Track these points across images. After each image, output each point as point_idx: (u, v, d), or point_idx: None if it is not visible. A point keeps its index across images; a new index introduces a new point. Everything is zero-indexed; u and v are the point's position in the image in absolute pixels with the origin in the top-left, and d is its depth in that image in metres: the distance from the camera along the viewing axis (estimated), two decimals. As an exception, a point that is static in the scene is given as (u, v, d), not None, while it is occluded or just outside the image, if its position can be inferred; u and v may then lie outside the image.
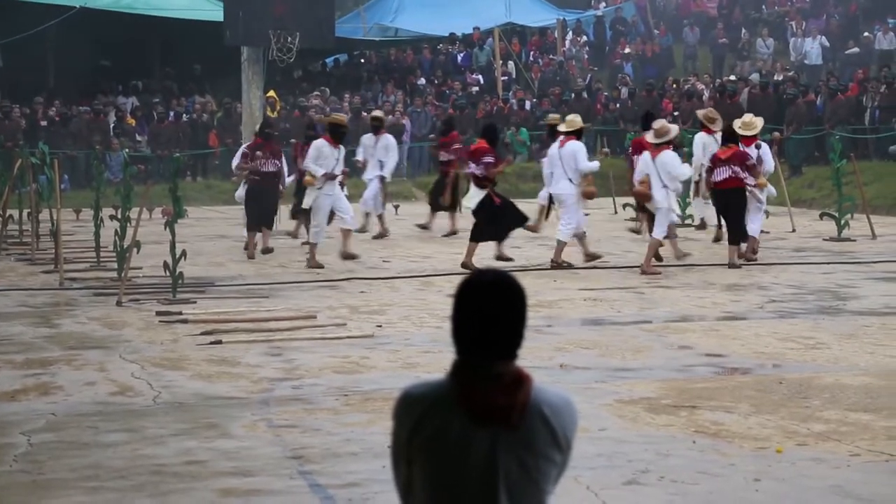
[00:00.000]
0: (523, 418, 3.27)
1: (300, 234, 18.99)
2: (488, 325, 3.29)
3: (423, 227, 20.65)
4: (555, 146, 16.52)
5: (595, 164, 16.74)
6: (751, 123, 17.60)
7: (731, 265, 16.02)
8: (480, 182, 15.89)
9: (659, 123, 16.53)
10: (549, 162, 16.74)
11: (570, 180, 16.03)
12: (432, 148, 20.69)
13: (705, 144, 18.48)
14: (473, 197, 16.05)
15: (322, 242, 16.60)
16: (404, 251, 18.29)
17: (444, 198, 20.00)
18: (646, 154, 16.30)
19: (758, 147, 17.30)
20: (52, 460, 7.49)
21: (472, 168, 16.01)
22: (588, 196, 16.25)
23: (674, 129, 16.59)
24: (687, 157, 18.29)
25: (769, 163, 17.65)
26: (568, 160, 16.02)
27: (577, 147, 16.13)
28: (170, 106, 31.60)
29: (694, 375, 9.82)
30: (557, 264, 16.03)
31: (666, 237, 16.13)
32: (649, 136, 16.37)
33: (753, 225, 16.59)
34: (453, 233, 19.65)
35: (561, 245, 16.12)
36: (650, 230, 16.32)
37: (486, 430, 3.26)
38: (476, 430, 3.26)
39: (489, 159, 15.94)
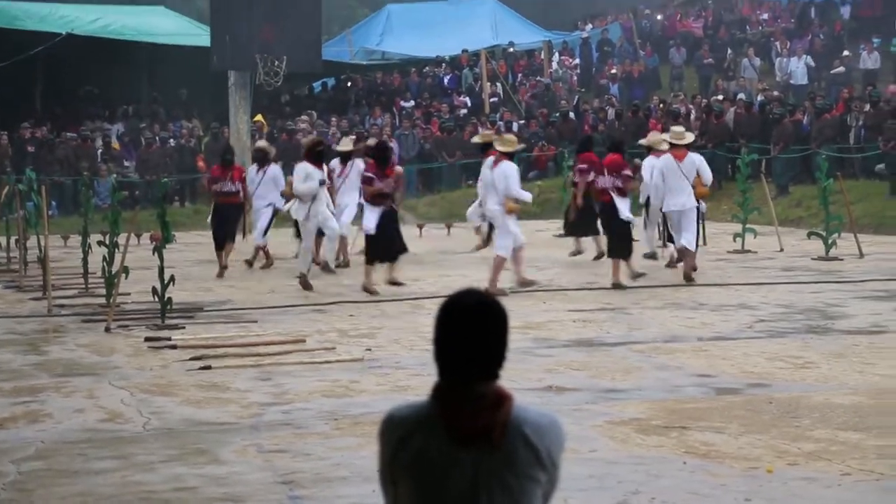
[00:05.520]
0: (504, 438, 3.27)
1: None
2: (469, 345, 3.29)
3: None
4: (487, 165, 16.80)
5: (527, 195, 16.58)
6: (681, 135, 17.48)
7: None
8: (621, 194, 16.22)
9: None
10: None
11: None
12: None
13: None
14: (623, 206, 16.26)
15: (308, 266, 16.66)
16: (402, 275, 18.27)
17: None
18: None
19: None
20: (41, 488, 7.46)
21: (607, 182, 16.25)
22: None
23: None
24: None
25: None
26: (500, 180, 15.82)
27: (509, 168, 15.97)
28: (157, 131, 31.61)
29: (684, 396, 9.82)
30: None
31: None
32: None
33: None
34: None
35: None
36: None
37: (468, 450, 3.27)
38: (458, 451, 3.27)
39: (628, 172, 16.32)
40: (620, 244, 16.33)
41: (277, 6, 29.46)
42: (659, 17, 42.37)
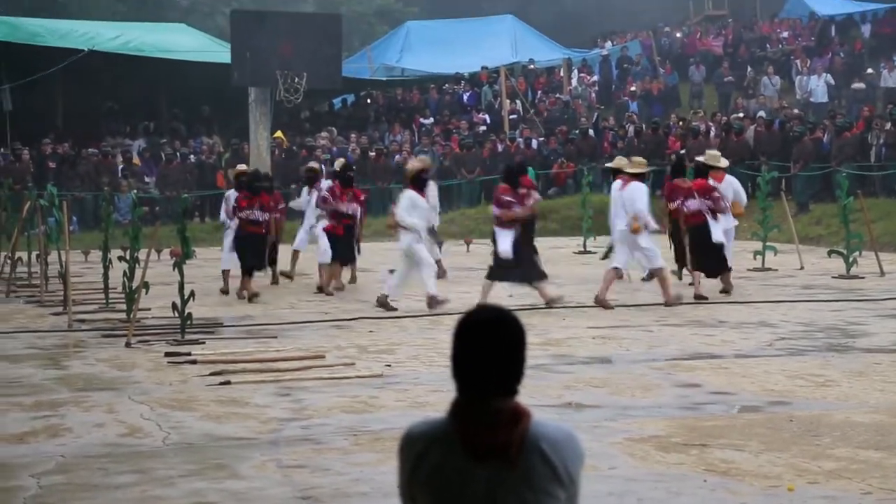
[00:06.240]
0: (521, 454, 3.27)
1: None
2: (486, 361, 3.29)
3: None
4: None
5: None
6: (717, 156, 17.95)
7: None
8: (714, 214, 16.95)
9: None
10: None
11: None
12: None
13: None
14: (716, 228, 16.92)
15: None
16: (412, 290, 18.28)
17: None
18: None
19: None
20: (61, 503, 7.48)
21: (699, 205, 16.89)
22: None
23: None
24: None
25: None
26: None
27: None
28: (177, 147, 31.74)
29: (704, 413, 9.80)
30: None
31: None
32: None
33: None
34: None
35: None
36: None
37: (486, 467, 3.26)
38: (475, 468, 3.27)
39: (717, 194, 17.08)
40: (715, 263, 17.05)
41: (297, 23, 29.63)
42: (678, 34, 42.37)
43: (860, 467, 8.02)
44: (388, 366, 11.94)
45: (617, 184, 17.25)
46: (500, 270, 16.11)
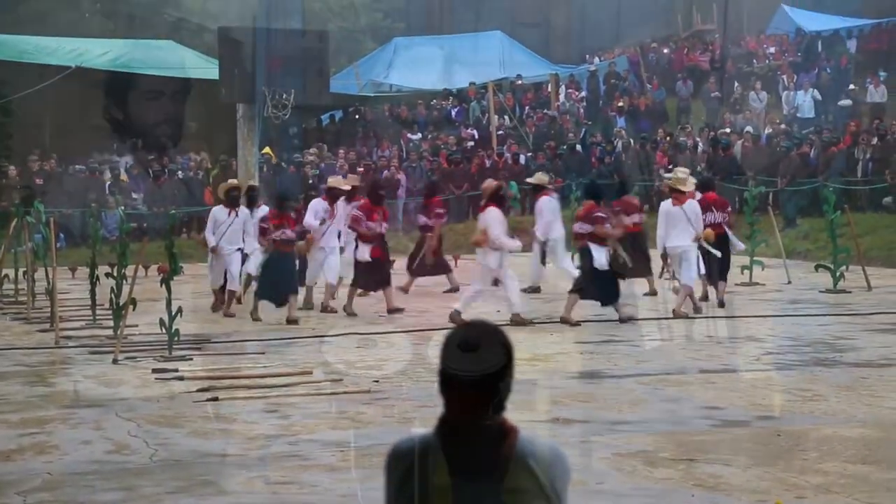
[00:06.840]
0: (508, 471, 3.26)
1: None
2: (474, 377, 3.29)
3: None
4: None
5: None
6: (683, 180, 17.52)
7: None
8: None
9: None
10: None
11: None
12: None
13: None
14: (735, 238, 18.18)
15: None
16: (408, 304, 18.26)
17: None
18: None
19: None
20: (47, 520, 7.45)
21: (717, 217, 17.67)
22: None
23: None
24: None
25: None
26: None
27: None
28: (165, 163, 31.70)
29: (691, 428, 9.80)
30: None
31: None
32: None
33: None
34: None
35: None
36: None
37: (473, 483, 3.26)
38: (462, 484, 3.27)
39: (729, 209, 18.30)
40: (721, 273, 17.76)
41: (285, 39, 29.56)
42: (666, 50, 42.47)
43: (848, 482, 8.03)
44: (376, 381, 11.93)
45: (667, 202, 17.15)
46: (592, 288, 15.96)
